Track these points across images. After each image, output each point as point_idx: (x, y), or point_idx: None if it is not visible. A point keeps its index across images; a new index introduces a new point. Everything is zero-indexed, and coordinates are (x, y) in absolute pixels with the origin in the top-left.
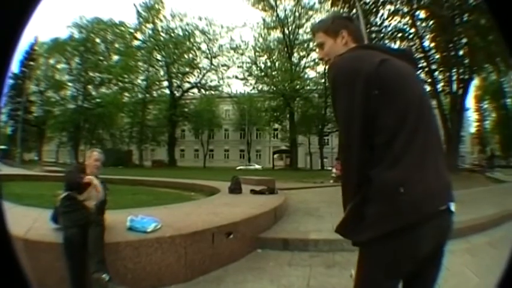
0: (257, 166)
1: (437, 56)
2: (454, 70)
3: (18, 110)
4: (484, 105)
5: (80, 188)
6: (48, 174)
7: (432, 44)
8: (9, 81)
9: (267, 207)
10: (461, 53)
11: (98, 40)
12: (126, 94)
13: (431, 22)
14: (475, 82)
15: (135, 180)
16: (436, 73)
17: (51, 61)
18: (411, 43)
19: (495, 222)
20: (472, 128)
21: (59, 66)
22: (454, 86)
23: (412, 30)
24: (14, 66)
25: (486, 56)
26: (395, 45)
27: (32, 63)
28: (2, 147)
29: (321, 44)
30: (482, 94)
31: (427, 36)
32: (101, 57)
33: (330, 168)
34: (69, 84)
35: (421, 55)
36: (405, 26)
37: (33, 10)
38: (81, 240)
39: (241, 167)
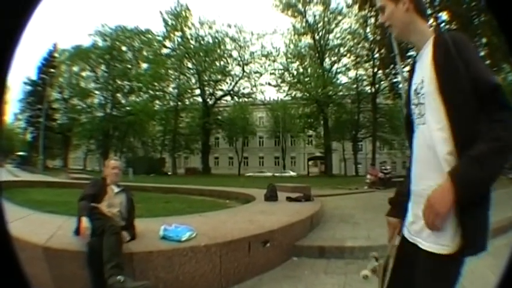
0: (292, 173)
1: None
2: None
3: (39, 117)
4: None
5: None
6: (74, 182)
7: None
8: (27, 88)
9: (303, 214)
10: (482, 54)
11: (124, 48)
12: (157, 102)
13: (453, 23)
14: None
15: (168, 188)
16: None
17: (75, 68)
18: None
19: None
20: None
21: (83, 74)
22: None
23: None
24: (32, 73)
25: (503, 55)
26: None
27: (52, 70)
28: (21, 153)
29: (382, 8)
30: None
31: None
32: (129, 65)
33: (364, 174)
34: (96, 92)
35: None
36: (430, 28)
37: (33, 10)
38: (101, 249)
39: (277, 174)
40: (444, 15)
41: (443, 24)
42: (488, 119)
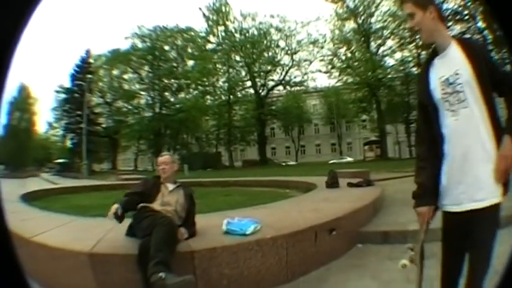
0: (349, 159)
1: (491, 37)
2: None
3: (80, 123)
4: None
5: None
6: (124, 183)
7: (484, 25)
8: (61, 96)
9: (366, 200)
10: None
11: (166, 47)
12: (208, 97)
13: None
14: None
15: (226, 182)
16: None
17: (115, 72)
18: (468, 24)
19: None
20: None
21: (125, 76)
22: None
23: (466, 12)
24: (65, 81)
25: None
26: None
27: (89, 76)
28: (60, 160)
29: (411, 15)
30: None
31: (479, 17)
32: (174, 64)
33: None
34: (142, 92)
35: (478, 36)
36: (460, 8)
37: (33, 10)
38: None
39: (334, 161)
40: None
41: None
42: None
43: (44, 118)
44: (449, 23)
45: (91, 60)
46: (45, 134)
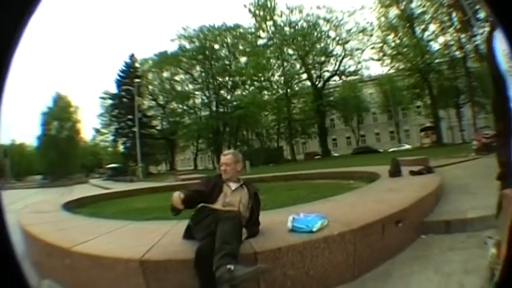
0: (407, 146)
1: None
2: None
3: (131, 127)
4: None
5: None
6: (184, 183)
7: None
8: (107, 102)
9: (429, 188)
10: None
11: (216, 46)
12: (266, 92)
13: None
14: None
15: (288, 176)
16: None
17: (165, 74)
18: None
19: None
20: None
21: (177, 78)
22: None
23: None
24: (110, 87)
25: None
26: None
27: (137, 80)
28: (113, 165)
29: None
30: None
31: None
32: (227, 62)
33: (468, 141)
34: (197, 92)
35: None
36: None
37: (33, 10)
38: (212, 252)
39: (394, 149)
40: None
41: None
42: None
43: (89, 125)
44: None
45: (137, 65)
46: (92, 140)
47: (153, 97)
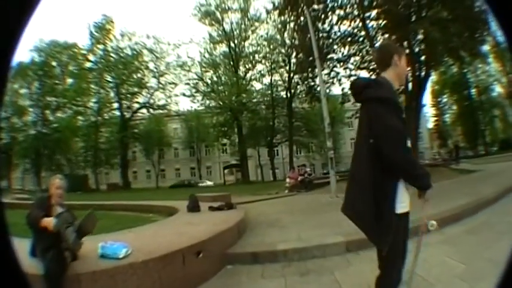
0: (209, 182)
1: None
2: (409, 69)
3: None
4: (443, 99)
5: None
6: (18, 202)
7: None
8: None
9: (230, 222)
10: (416, 50)
11: (54, 63)
12: (80, 117)
13: (383, 22)
14: (432, 78)
15: (94, 205)
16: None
17: (15, 86)
18: (361, 46)
19: (470, 211)
20: (430, 124)
21: (21, 91)
22: (410, 85)
23: (363, 32)
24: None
25: (446, 49)
26: (345, 50)
27: None
28: None
29: None
30: (441, 88)
31: (379, 37)
32: (57, 81)
33: (282, 179)
34: (30, 109)
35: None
36: (355, 30)
37: (33, 10)
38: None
39: (202, 184)
40: (373, 13)
41: (370, 23)
42: None
43: None
44: (337, 47)
45: None
46: None
47: (5, 108)
